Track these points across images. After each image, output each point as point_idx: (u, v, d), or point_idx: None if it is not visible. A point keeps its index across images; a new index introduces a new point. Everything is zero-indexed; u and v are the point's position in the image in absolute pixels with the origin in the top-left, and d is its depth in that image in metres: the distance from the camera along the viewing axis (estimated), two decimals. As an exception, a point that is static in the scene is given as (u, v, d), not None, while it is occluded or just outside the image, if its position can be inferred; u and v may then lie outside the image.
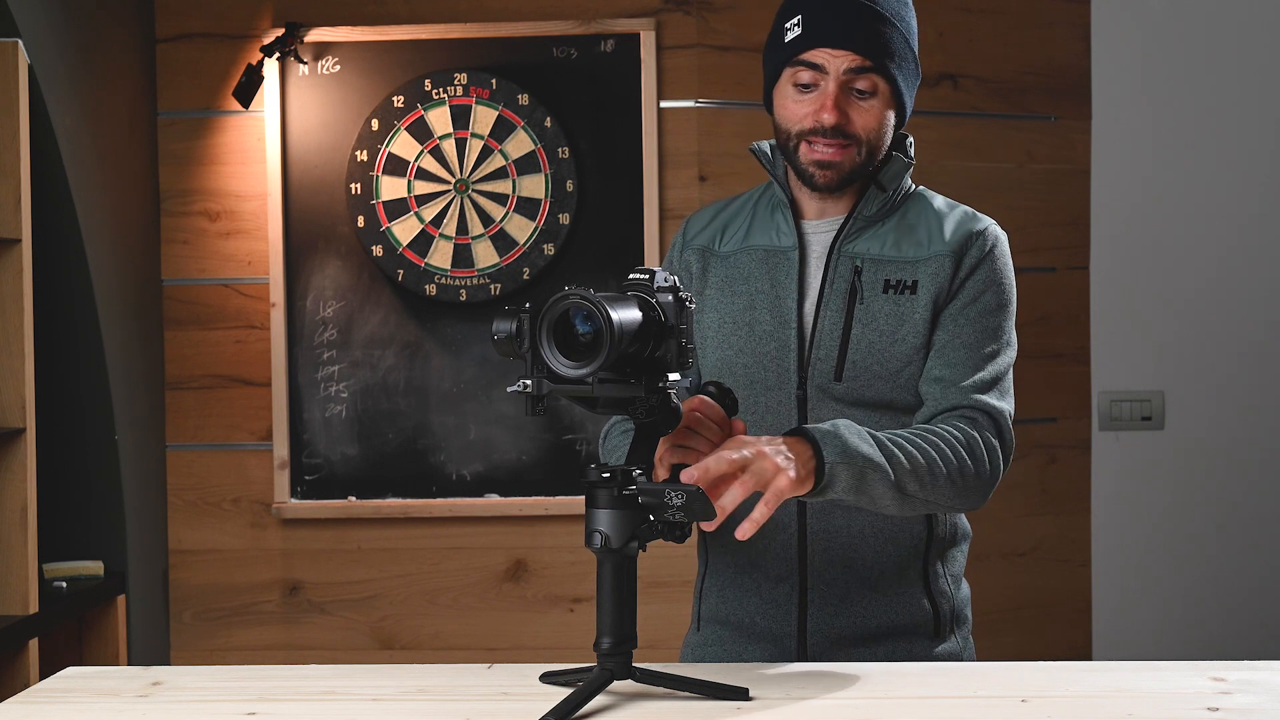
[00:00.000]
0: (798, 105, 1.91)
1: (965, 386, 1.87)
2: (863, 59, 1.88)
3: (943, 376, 1.89)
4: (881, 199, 1.95)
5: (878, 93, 1.90)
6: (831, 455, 1.69)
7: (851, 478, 1.70)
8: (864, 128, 1.90)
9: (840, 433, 1.71)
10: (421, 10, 3.87)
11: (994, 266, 1.93)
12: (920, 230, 1.94)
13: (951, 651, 1.98)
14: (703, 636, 2.04)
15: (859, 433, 1.73)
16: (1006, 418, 1.88)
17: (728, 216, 2.05)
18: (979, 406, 1.86)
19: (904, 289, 1.91)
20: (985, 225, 1.96)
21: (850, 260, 1.93)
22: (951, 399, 1.87)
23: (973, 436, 1.83)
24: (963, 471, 1.80)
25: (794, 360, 1.93)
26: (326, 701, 1.66)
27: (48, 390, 3.44)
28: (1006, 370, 1.92)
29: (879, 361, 1.91)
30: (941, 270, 1.91)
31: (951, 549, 2.00)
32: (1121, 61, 4.04)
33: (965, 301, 1.91)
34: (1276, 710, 1.57)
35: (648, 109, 3.81)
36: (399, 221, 3.82)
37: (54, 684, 1.77)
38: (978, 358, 1.89)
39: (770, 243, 1.98)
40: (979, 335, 1.90)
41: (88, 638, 3.60)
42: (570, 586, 3.91)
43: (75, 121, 3.43)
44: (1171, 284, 4.07)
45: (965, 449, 1.81)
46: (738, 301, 1.97)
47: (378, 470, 3.87)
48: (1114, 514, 4.07)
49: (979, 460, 1.82)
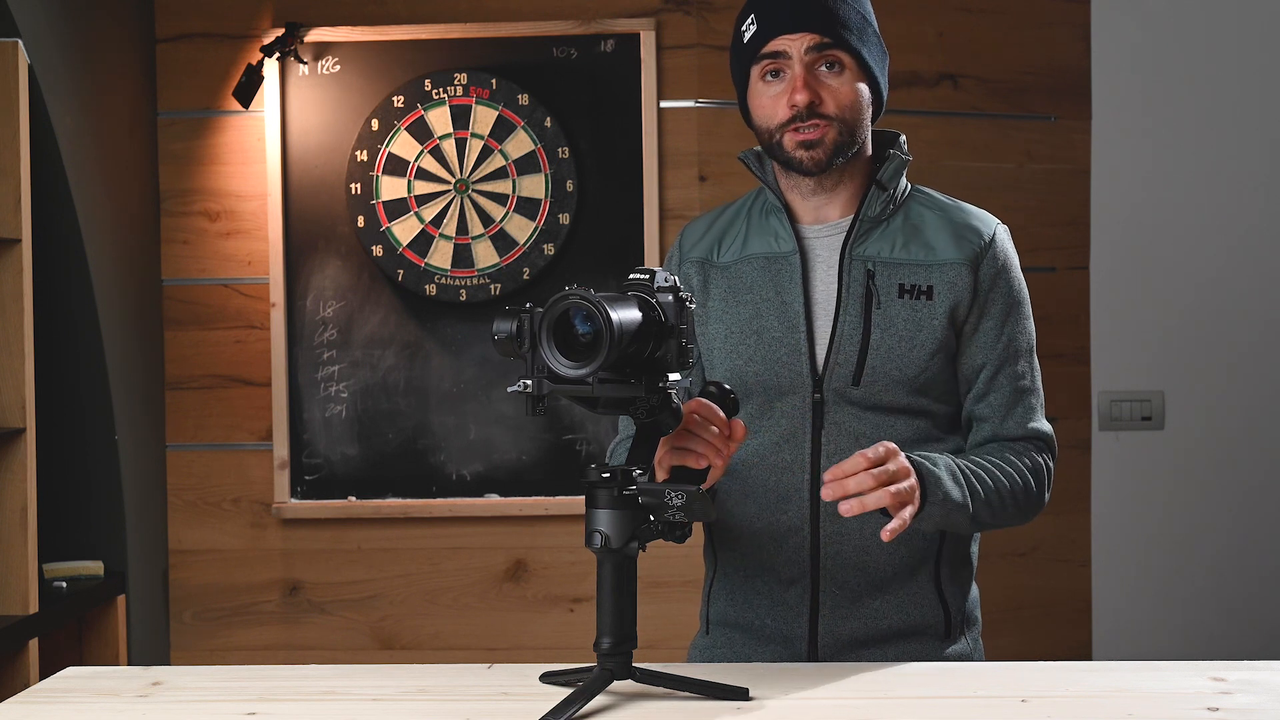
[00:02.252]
0: (771, 99, 1.92)
1: (1020, 415, 1.97)
2: (821, 36, 1.89)
3: (998, 405, 1.96)
4: (884, 198, 1.96)
5: (845, 68, 1.91)
6: (933, 500, 1.80)
7: (939, 518, 1.83)
8: (838, 104, 1.90)
9: (940, 475, 1.82)
10: (421, 10, 3.87)
11: (1010, 276, 1.98)
12: (927, 231, 1.95)
13: (962, 653, 1.98)
14: (712, 639, 2.04)
15: (953, 473, 1.84)
16: (1054, 438, 2.00)
17: (723, 226, 2.05)
18: (1038, 435, 1.97)
19: (919, 294, 1.93)
20: (993, 229, 1.98)
21: (862, 264, 1.94)
22: (1011, 430, 1.97)
23: (1039, 463, 1.96)
24: (1028, 497, 1.93)
25: (806, 365, 1.93)
26: (326, 701, 1.66)
27: (48, 390, 3.44)
28: (1039, 377, 2.02)
29: (898, 367, 1.92)
30: (960, 279, 1.93)
31: (963, 549, 2.00)
32: (1121, 61, 4.04)
33: (998, 321, 1.97)
34: (1276, 710, 1.58)
35: (648, 109, 3.81)
36: (399, 221, 3.82)
37: (54, 684, 1.77)
38: (1023, 381, 1.98)
39: (769, 249, 1.98)
40: (1018, 355, 1.99)
41: (88, 638, 3.59)
42: (570, 586, 3.91)
43: (75, 121, 3.43)
44: (1171, 284, 4.07)
45: (1034, 476, 1.94)
46: (743, 310, 1.97)
47: (378, 470, 3.87)
48: (1114, 514, 4.07)
49: (1041, 483, 1.96)
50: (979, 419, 1.97)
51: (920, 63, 3.90)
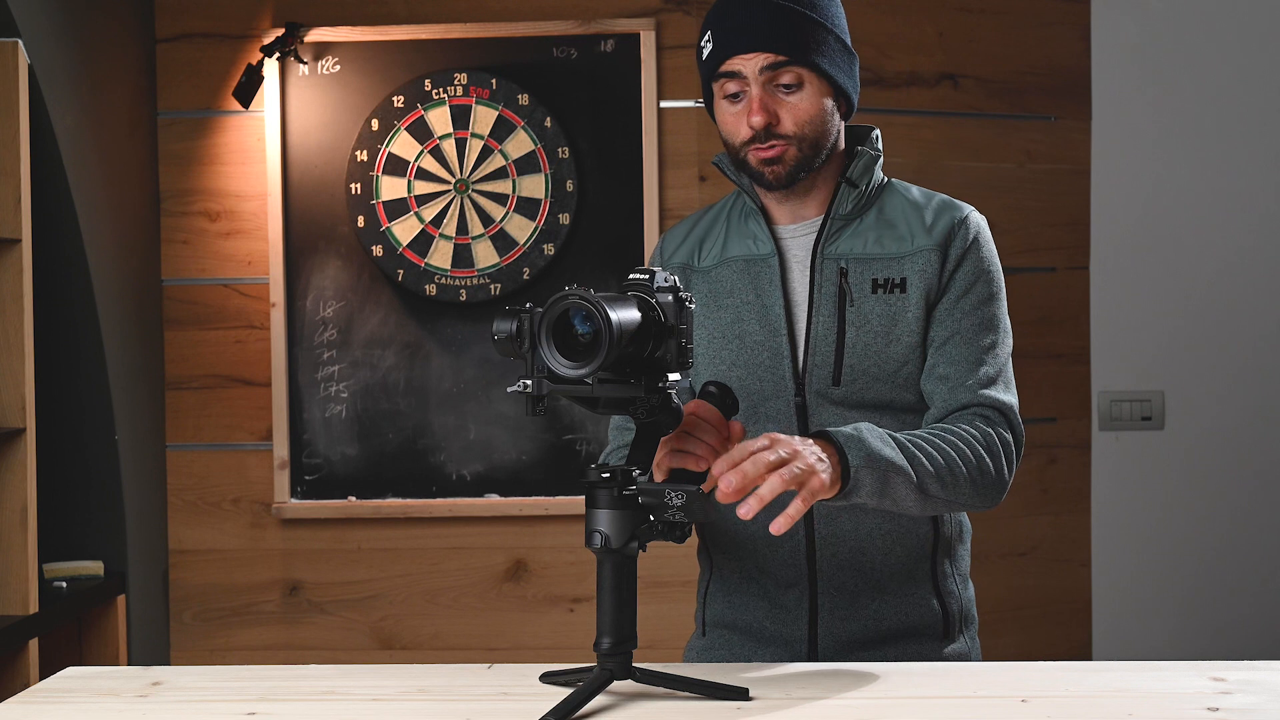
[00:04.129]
0: (733, 118, 1.92)
1: (971, 384, 1.87)
2: (775, 55, 1.87)
3: (947, 375, 1.89)
4: (855, 195, 1.95)
5: (804, 84, 1.89)
6: (856, 460, 1.69)
7: (876, 482, 1.71)
8: (795, 124, 1.89)
9: (863, 436, 1.71)
10: (421, 10, 3.87)
11: (980, 255, 1.93)
12: (900, 225, 1.94)
13: (960, 652, 1.98)
14: (709, 641, 2.03)
15: (881, 436, 1.73)
16: (1015, 411, 1.89)
17: (702, 230, 2.04)
18: (989, 403, 1.87)
19: (893, 287, 1.91)
20: (965, 213, 1.95)
21: (834, 262, 1.93)
22: (960, 398, 1.87)
23: (989, 434, 1.84)
24: (982, 470, 1.81)
25: (789, 368, 1.93)
26: (326, 701, 1.66)
27: (48, 390, 3.44)
28: (1007, 360, 1.93)
29: (876, 363, 1.90)
30: (929, 265, 1.91)
31: (958, 547, 2.00)
32: (1121, 61, 4.04)
33: (957, 295, 1.91)
34: (1276, 710, 1.57)
35: (648, 109, 3.81)
36: (399, 221, 3.82)
37: (54, 684, 1.77)
38: (979, 352, 1.89)
39: (748, 252, 1.97)
40: (976, 329, 1.90)
41: (88, 638, 3.60)
42: (570, 586, 3.91)
43: (75, 121, 3.43)
44: (1171, 284, 4.07)
45: (984, 447, 1.82)
46: (724, 315, 1.97)
47: (378, 470, 3.87)
48: (1114, 514, 4.07)
49: (996, 457, 1.83)
50: (929, 395, 1.90)
51: (920, 63, 3.89)
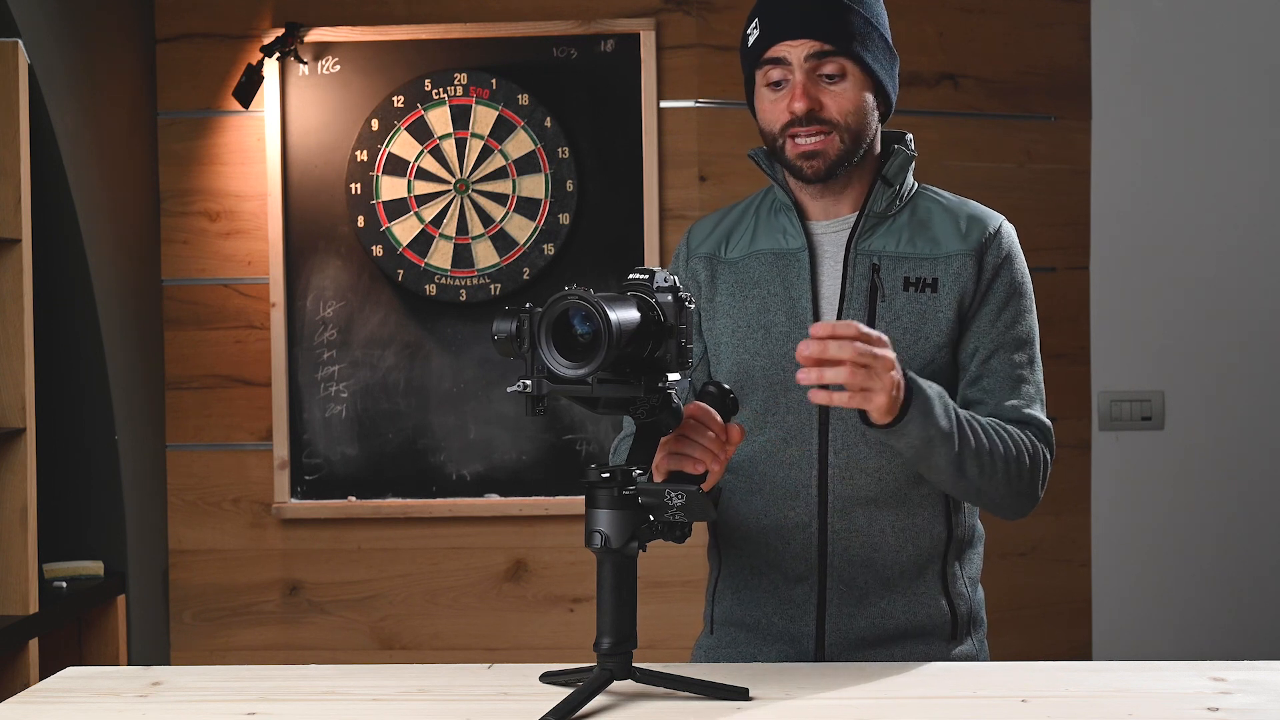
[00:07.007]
0: (773, 104, 1.93)
1: (1017, 403, 1.92)
2: (821, 44, 1.89)
3: (992, 389, 1.93)
4: (890, 194, 1.96)
5: (847, 75, 1.90)
6: (915, 411, 1.74)
7: (921, 439, 1.75)
8: (839, 111, 1.90)
9: (930, 396, 1.76)
10: (421, 10, 3.87)
11: (1014, 268, 1.97)
12: (934, 226, 1.95)
13: (968, 654, 1.98)
14: (717, 639, 2.03)
15: (945, 405, 1.78)
16: (1053, 434, 1.95)
17: (730, 224, 2.05)
18: (1034, 422, 1.93)
19: (925, 287, 1.93)
20: (999, 223, 1.98)
21: (867, 258, 1.94)
22: (1005, 413, 1.92)
23: (1036, 446, 1.90)
24: (1020, 473, 1.87)
25: None
26: (326, 701, 1.66)
27: (48, 390, 3.44)
28: (1039, 374, 1.98)
29: (903, 359, 1.90)
30: (964, 269, 1.93)
31: (969, 550, 2.00)
32: (1121, 61, 4.04)
33: (995, 309, 1.94)
34: (1276, 710, 1.58)
35: (648, 109, 3.81)
36: (399, 221, 3.82)
37: (54, 684, 1.77)
38: (1021, 370, 1.95)
39: (778, 246, 1.98)
40: (1016, 344, 1.95)
41: (88, 638, 3.59)
42: (570, 586, 3.91)
43: (75, 121, 3.43)
44: (1171, 284, 4.07)
45: (1029, 455, 1.88)
46: (751, 305, 1.97)
47: (378, 470, 3.87)
48: (1114, 514, 4.06)
49: (1035, 468, 1.89)
50: (974, 402, 1.93)
51: (920, 63, 3.89)
